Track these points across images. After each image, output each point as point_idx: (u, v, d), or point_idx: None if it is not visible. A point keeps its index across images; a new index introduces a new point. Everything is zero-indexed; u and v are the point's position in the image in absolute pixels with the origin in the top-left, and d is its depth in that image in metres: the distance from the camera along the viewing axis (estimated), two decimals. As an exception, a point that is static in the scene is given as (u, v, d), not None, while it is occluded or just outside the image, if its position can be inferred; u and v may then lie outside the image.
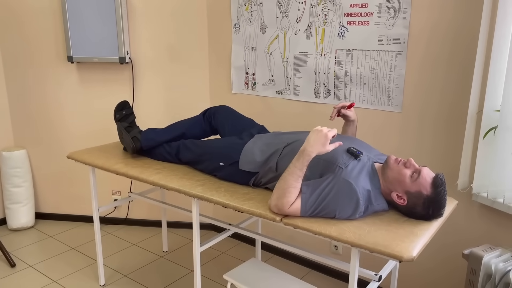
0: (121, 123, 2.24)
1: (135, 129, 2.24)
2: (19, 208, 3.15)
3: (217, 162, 1.93)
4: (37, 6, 2.93)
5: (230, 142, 1.99)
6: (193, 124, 2.24)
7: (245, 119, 2.20)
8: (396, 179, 1.54)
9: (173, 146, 2.16)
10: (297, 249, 1.79)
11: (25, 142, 3.24)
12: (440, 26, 2.01)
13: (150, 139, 2.18)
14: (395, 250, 1.33)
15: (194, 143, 2.11)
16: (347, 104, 1.88)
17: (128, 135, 2.18)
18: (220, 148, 1.98)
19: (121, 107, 2.28)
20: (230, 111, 2.23)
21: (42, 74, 3.07)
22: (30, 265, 2.72)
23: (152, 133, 2.20)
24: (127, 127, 2.23)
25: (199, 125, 2.24)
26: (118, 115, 2.26)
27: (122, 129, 2.21)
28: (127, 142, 2.18)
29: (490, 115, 1.85)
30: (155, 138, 2.18)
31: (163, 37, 2.92)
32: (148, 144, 2.18)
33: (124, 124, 2.23)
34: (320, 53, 2.40)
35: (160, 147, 2.18)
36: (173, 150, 2.15)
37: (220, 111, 2.22)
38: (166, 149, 2.17)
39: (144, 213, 3.26)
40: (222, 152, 1.94)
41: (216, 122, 2.21)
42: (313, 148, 1.52)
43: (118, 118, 2.26)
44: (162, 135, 2.19)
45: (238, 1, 2.68)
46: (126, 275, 2.63)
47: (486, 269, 1.70)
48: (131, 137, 2.18)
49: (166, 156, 2.17)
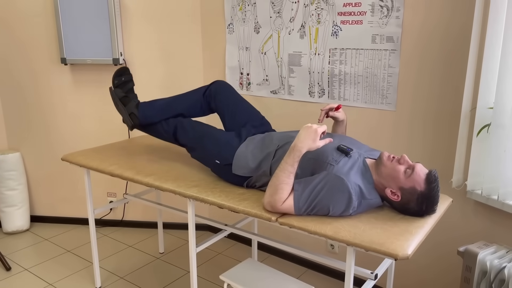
0: (117, 92, 2.16)
1: (132, 102, 2.16)
2: (14, 211, 3.13)
3: (213, 159, 1.93)
4: (30, 8, 2.92)
5: (227, 141, 1.96)
6: (193, 104, 2.18)
7: (245, 109, 2.14)
8: (390, 175, 1.55)
9: (170, 124, 2.12)
10: (293, 249, 1.79)
11: (19, 145, 3.22)
12: (433, 25, 2.02)
13: (147, 117, 2.14)
14: (390, 248, 1.34)
15: (191, 125, 2.08)
16: (334, 106, 1.88)
17: (125, 111, 2.14)
18: (217, 145, 1.96)
19: (121, 72, 2.20)
20: (231, 95, 2.16)
21: (36, 76, 3.05)
22: (26, 268, 2.70)
23: (149, 111, 2.15)
24: (123, 97, 2.16)
25: (198, 106, 2.18)
26: (116, 81, 2.18)
27: (117, 101, 2.15)
28: (125, 119, 2.15)
29: (484, 112, 1.86)
30: (152, 118, 2.15)
31: (157, 38, 2.91)
32: (145, 121, 2.15)
33: (120, 94, 2.16)
34: (314, 53, 2.41)
35: (158, 124, 2.15)
36: (170, 129, 2.11)
37: (221, 93, 2.15)
38: (164, 127, 2.14)
39: (139, 214, 3.25)
40: (218, 150, 1.93)
41: (216, 105, 2.16)
42: (303, 144, 1.53)
43: (116, 84, 2.18)
44: (160, 114, 2.15)
45: (232, 1, 2.68)
46: (122, 277, 2.62)
47: (481, 266, 1.70)
48: (128, 113, 2.14)
49: (163, 134, 2.15)
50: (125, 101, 2.16)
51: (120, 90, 2.18)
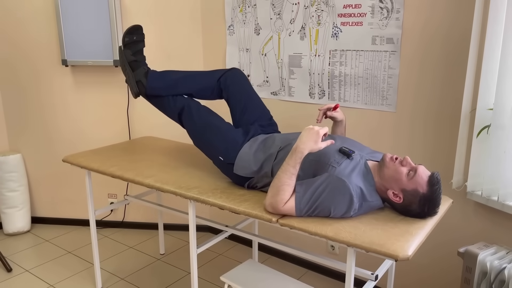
0: (126, 54, 2.06)
1: (141, 68, 2.07)
2: (15, 212, 3.14)
3: (218, 155, 1.92)
4: (31, 9, 2.93)
5: (234, 139, 1.94)
6: (205, 88, 2.09)
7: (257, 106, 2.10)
8: (393, 177, 1.55)
9: (178, 103, 2.05)
10: (294, 250, 1.79)
11: (20, 147, 3.23)
12: (433, 26, 2.02)
13: (155, 89, 2.05)
14: (390, 249, 1.34)
15: (199, 111, 2.02)
16: (332, 106, 1.88)
17: (132, 77, 2.04)
18: (223, 141, 1.93)
19: (132, 31, 2.06)
20: (245, 89, 2.09)
21: (37, 78, 3.06)
22: (27, 269, 2.71)
23: (158, 83, 2.05)
24: (132, 61, 2.06)
25: (209, 90, 2.10)
26: (127, 38, 2.04)
27: (126, 64, 2.05)
28: (131, 84, 2.07)
29: (483, 114, 1.86)
30: (160, 91, 2.06)
31: (158, 40, 2.92)
32: (152, 92, 2.07)
33: (130, 57, 2.05)
34: (314, 54, 2.41)
35: (165, 98, 2.07)
36: (177, 108, 2.04)
37: (235, 85, 2.08)
38: (170, 103, 2.06)
39: (140, 215, 3.26)
40: (224, 147, 1.92)
41: (227, 96, 2.09)
42: (305, 145, 1.53)
43: (126, 42, 2.05)
44: (169, 89, 2.06)
45: (232, 2, 2.68)
46: (123, 278, 2.62)
47: (481, 266, 1.71)
48: (136, 80, 2.05)
49: (168, 110, 2.09)
50: (134, 66, 2.06)
51: (130, 52, 2.07)
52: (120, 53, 2.07)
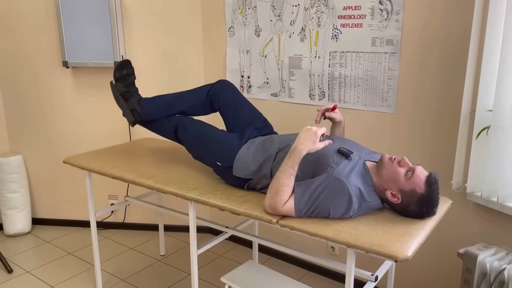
0: (118, 86, 2.13)
1: (133, 97, 2.13)
2: (16, 213, 3.14)
3: (215, 160, 1.93)
4: (31, 11, 2.94)
5: (230, 143, 1.96)
6: (196, 103, 2.15)
7: (248, 111, 2.14)
8: (391, 177, 1.55)
9: (172, 122, 2.10)
10: (294, 251, 1.80)
11: (21, 148, 3.23)
12: (432, 27, 2.03)
13: (149, 114, 2.11)
14: (390, 250, 1.34)
15: (193, 125, 2.07)
16: (330, 107, 1.89)
17: (127, 106, 2.10)
18: (218, 147, 1.95)
19: (122, 65, 2.16)
20: (234, 96, 2.14)
21: (37, 79, 3.07)
22: (27, 270, 2.71)
23: (151, 108, 2.12)
24: (124, 92, 2.13)
25: (201, 105, 2.16)
26: (118, 73, 2.14)
27: (119, 95, 2.12)
28: (127, 114, 2.13)
29: (483, 115, 1.87)
30: (154, 115, 2.12)
31: (158, 41, 2.93)
32: (147, 118, 2.13)
33: (121, 89, 2.13)
34: (314, 56, 2.42)
35: (160, 121, 2.13)
36: (172, 127, 2.10)
37: (224, 94, 2.13)
38: (165, 124, 2.12)
39: (141, 217, 3.26)
40: (220, 152, 1.93)
41: (219, 106, 2.14)
42: (303, 146, 1.54)
43: (117, 77, 2.14)
44: (162, 111, 2.12)
45: (232, 4, 2.69)
46: (123, 279, 2.63)
47: (481, 267, 1.71)
48: (130, 109, 2.11)
49: (164, 131, 2.13)
50: (126, 96, 2.13)
51: (121, 84, 2.14)
52: (113, 87, 2.14)
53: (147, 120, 2.14)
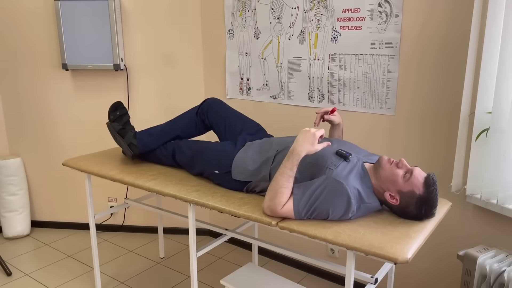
0: (114, 126, 2.20)
1: (129, 133, 2.20)
2: (15, 216, 3.14)
3: (212, 170, 1.94)
4: (31, 14, 2.94)
5: (224, 149, 1.98)
6: (188, 125, 2.22)
7: (239, 118, 2.18)
8: (389, 179, 1.56)
9: (168, 148, 2.16)
10: (293, 253, 1.79)
11: (20, 150, 3.23)
12: (432, 30, 2.03)
13: (146, 145, 2.18)
14: (390, 252, 1.34)
15: (187, 145, 2.12)
16: (329, 110, 1.89)
17: (124, 142, 2.17)
18: (214, 155, 1.97)
19: (115, 108, 2.25)
20: (223, 108, 2.20)
21: (37, 82, 3.07)
22: (27, 273, 2.71)
23: (147, 138, 2.19)
24: (120, 130, 2.20)
25: (193, 125, 2.23)
26: (112, 116, 2.23)
27: (115, 133, 2.19)
28: (125, 149, 2.19)
29: (482, 117, 1.87)
30: (150, 145, 2.18)
31: (158, 44, 2.93)
32: (144, 149, 2.18)
33: (117, 127, 2.20)
34: (313, 58, 2.42)
35: (157, 150, 2.19)
36: (169, 153, 2.15)
37: (213, 109, 2.20)
38: (163, 152, 2.17)
39: (140, 219, 3.26)
40: (215, 159, 1.95)
41: (210, 121, 2.20)
42: (302, 147, 1.54)
43: (112, 119, 2.23)
44: (157, 140, 2.19)
45: (232, 7, 2.70)
46: (123, 282, 2.62)
47: (481, 269, 1.71)
48: (127, 144, 2.17)
49: (163, 160, 2.18)
50: (122, 133, 2.20)
51: (117, 123, 2.22)
52: (109, 127, 2.21)
53: (145, 152, 2.20)
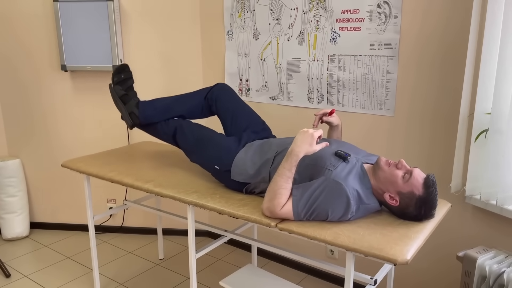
0: (117, 90, 2.14)
1: (132, 100, 2.14)
2: (14, 217, 3.13)
3: (213, 165, 1.93)
4: (30, 15, 2.94)
5: (229, 147, 1.96)
6: (194, 107, 2.17)
7: (246, 114, 2.14)
8: (388, 180, 1.55)
9: (170, 126, 2.12)
10: (293, 254, 1.79)
11: (19, 152, 3.23)
12: (431, 31, 2.03)
13: (147, 117, 2.12)
14: (389, 253, 1.34)
15: (191, 129, 2.08)
16: (328, 111, 1.89)
17: (125, 109, 2.11)
18: (217, 150, 1.96)
19: (120, 70, 2.16)
20: (232, 99, 2.15)
21: (36, 83, 3.07)
22: (26, 275, 2.70)
23: (150, 111, 2.13)
24: (123, 95, 2.13)
25: (199, 108, 2.17)
26: (116, 78, 2.14)
27: (117, 99, 2.13)
28: (125, 117, 2.14)
29: (481, 118, 1.87)
30: (152, 118, 2.13)
31: (157, 45, 2.93)
32: (145, 121, 2.14)
33: (120, 92, 2.13)
34: (312, 59, 2.42)
35: (158, 124, 2.14)
36: (170, 130, 2.11)
37: (222, 97, 2.14)
38: (164, 128, 2.13)
39: (139, 220, 3.25)
40: (218, 156, 1.93)
41: (216, 110, 2.15)
42: (300, 148, 1.54)
43: (116, 81, 2.15)
44: (160, 115, 2.13)
45: (231, 8, 2.70)
46: (122, 283, 2.62)
47: (480, 270, 1.71)
48: (128, 112, 2.12)
49: (162, 135, 2.14)
50: (125, 99, 2.14)
51: (120, 87, 2.15)
52: (111, 90, 2.15)
53: (145, 124, 2.15)
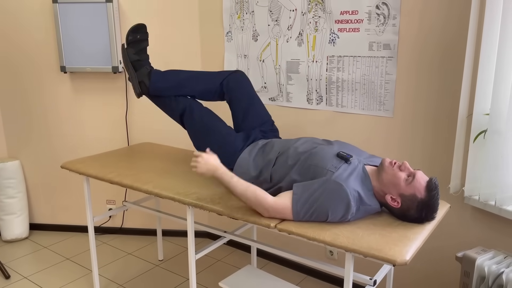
0: (129, 53, 2.05)
1: (144, 68, 2.06)
2: (13, 219, 3.13)
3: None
4: (29, 16, 2.94)
5: (236, 145, 1.96)
6: (207, 90, 2.10)
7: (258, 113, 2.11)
8: (391, 182, 1.56)
9: (180, 104, 2.06)
10: (292, 255, 1.79)
11: (19, 153, 3.23)
12: (429, 32, 2.04)
13: (157, 90, 2.06)
14: (388, 254, 1.34)
15: (200, 113, 2.04)
16: None
17: (135, 77, 2.05)
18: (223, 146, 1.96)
19: (137, 29, 2.06)
20: (247, 93, 2.10)
21: (35, 84, 3.07)
22: (25, 276, 2.70)
23: (161, 83, 2.05)
24: (136, 61, 2.05)
25: (212, 93, 2.11)
26: (131, 37, 2.04)
27: (129, 63, 2.05)
28: (134, 85, 2.08)
29: (480, 119, 1.87)
30: (162, 92, 2.06)
31: (156, 47, 2.93)
32: (155, 93, 2.08)
33: (133, 57, 2.05)
34: (311, 60, 2.42)
35: (166, 98, 2.08)
36: (178, 109, 2.06)
37: (237, 89, 2.09)
38: (172, 104, 2.07)
39: (139, 221, 3.25)
40: (223, 151, 1.93)
41: (230, 100, 2.10)
42: (210, 171, 1.65)
43: (130, 40, 2.05)
44: (172, 90, 2.06)
45: (230, 9, 2.70)
46: (121, 284, 2.62)
47: (479, 271, 1.71)
48: (138, 81, 2.05)
49: (169, 111, 2.10)
50: (137, 65, 2.06)
51: (133, 50, 2.06)
52: (123, 52, 2.06)
53: (154, 95, 2.09)
